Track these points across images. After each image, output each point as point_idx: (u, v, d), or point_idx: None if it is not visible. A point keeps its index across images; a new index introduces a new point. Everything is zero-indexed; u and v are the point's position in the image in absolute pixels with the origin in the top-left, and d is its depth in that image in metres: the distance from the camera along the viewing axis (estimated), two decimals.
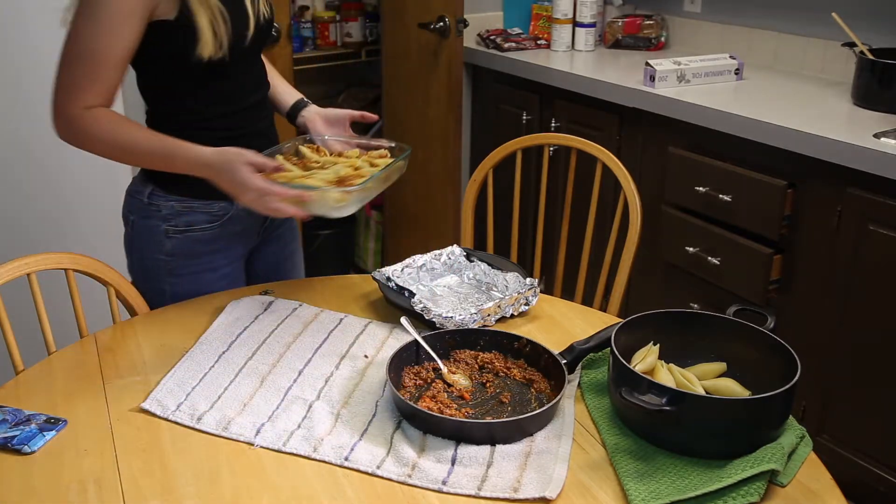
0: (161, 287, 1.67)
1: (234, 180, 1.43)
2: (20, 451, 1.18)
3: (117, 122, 1.50)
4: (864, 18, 2.54)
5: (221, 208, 1.64)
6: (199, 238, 1.65)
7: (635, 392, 1.14)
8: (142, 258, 1.67)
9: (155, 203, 1.63)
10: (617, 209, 2.00)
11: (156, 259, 1.65)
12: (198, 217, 1.63)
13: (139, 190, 1.64)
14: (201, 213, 1.63)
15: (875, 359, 2.13)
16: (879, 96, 2.34)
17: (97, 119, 1.50)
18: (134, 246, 1.68)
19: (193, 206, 1.62)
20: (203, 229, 1.64)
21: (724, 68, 2.70)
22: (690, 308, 2.46)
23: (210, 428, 1.23)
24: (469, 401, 1.29)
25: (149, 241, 1.65)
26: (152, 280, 1.67)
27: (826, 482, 1.13)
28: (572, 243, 2.15)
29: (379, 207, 3.62)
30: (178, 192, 1.61)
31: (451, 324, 1.46)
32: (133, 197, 1.66)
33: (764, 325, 1.29)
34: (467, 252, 1.73)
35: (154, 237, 1.64)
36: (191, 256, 1.65)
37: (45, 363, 1.42)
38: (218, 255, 1.68)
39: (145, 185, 1.63)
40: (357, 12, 3.57)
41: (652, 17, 3.20)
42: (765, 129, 2.25)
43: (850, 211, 2.11)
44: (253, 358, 1.42)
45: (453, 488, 1.11)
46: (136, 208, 1.65)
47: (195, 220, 1.63)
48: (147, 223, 1.64)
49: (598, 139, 2.18)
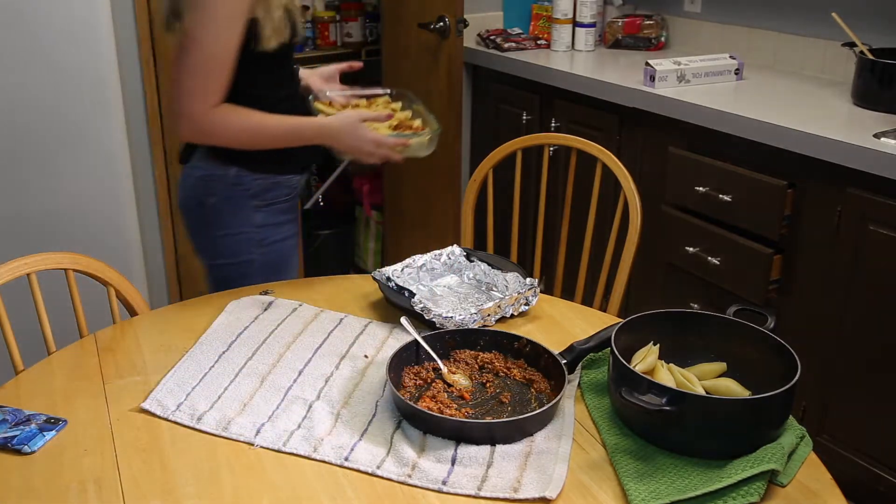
0: (251, 258, 1.82)
1: (356, 136, 1.70)
2: (20, 451, 1.18)
3: (243, 113, 1.67)
4: (864, 18, 2.54)
5: (297, 181, 1.86)
6: (281, 209, 1.84)
7: (635, 392, 1.14)
8: (230, 234, 1.80)
9: (241, 182, 1.76)
10: (617, 209, 2.00)
11: (246, 232, 1.80)
12: (280, 191, 1.82)
13: (221, 173, 1.76)
14: (283, 187, 1.82)
15: (875, 359, 2.13)
16: (879, 96, 2.34)
17: (226, 115, 1.65)
18: (217, 224, 1.80)
19: (278, 180, 1.80)
20: (284, 201, 1.84)
21: (724, 68, 2.69)
22: (690, 308, 2.46)
23: (210, 428, 1.23)
24: (469, 401, 1.29)
25: (237, 216, 1.79)
26: (243, 252, 1.81)
27: (826, 482, 1.13)
28: (572, 243, 2.15)
29: (379, 207, 3.62)
30: (262, 170, 1.77)
31: (451, 324, 1.46)
32: (212, 180, 1.77)
33: (764, 325, 1.29)
34: (467, 252, 1.73)
35: (243, 212, 1.79)
36: (276, 226, 1.83)
37: (45, 363, 1.42)
38: (292, 224, 1.89)
39: (227, 167, 1.75)
40: (357, 12, 3.56)
41: (652, 17, 3.20)
42: (765, 129, 2.25)
43: (850, 211, 2.11)
44: (253, 358, 1.42)
45: (453, 488, 1.11)
46: (220, 189, 1.77)
47: (278, 194, 1.82)
48: (234, 201, 1.78)
49: (598, 139, 2.18)
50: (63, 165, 2.43)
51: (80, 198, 2.47)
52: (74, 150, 2.43)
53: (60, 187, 2.44)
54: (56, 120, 2.39)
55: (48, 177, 2.42)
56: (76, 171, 2.45)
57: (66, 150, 2.43)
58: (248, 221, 1.80)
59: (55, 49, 2.33)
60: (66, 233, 2.46)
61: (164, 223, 2.81)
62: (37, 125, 2.37)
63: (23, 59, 2.30)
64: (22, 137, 2.36)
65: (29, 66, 2.31)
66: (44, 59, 2.32)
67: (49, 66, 2.34)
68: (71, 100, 2.39)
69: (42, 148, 2.39)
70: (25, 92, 2.33)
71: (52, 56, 2.33)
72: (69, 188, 2.45)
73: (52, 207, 2.45)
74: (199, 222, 1.83)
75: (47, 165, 2.41)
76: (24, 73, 2.31)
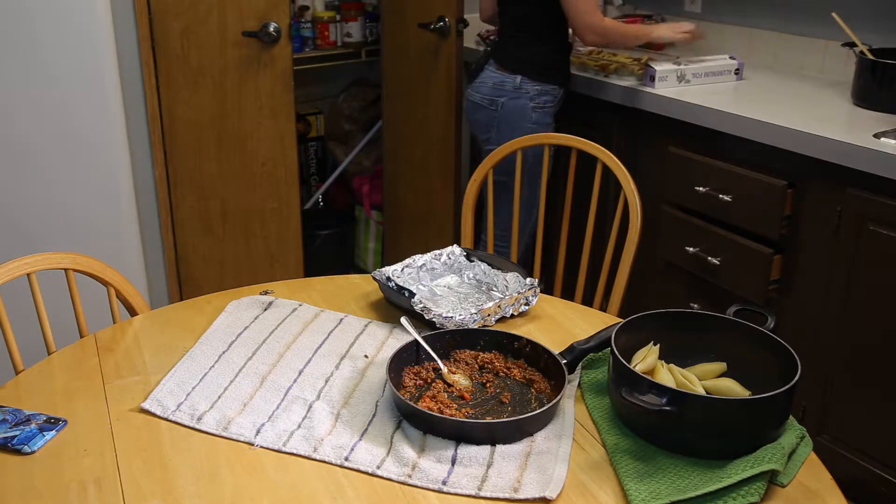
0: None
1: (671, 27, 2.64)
2: (20, 451, 1.18)
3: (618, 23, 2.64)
4: (864, 18, 2.54)
5: (561, 92, 2.63)
6: (549, 112, 2.61)
7: (635, 392, 1.14)
8: (513, 129, 2.53)
9: (524, 87, 2.56)
10: (617, 209, 1.99)
11: (524, 127, 2.54)
12: (549, 97, 2.59)
13: (509, 79, 2.58)
14: (551, 95, 2.59)
15: (875, 359, 2.13)
16: (879, 96, 2.34)
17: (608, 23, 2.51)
18: (504, 119, 2.59)
19: (548, 89, 2.58)
20: (552, 106, 2.61)
21: (724, 68, 2.70)
22: (690, 308, 2.46)
23: (210, 428, 1.23)
24: (469, 401, 1.29)
25: (519, 114, 2.57)
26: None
27: (826, 482, 1.13)
28: (572, 243, 2.15)
29: (379, 207, 3.62)
30: (540, 79, 2.56)
31: (451, 324, 1.46)
32: (500, 86, 2.59)
33: (764, 325, 1.29)
34: (467, 252, 1.73)
35: (523, 112, 2.57)
36: (544, 126, 2.60)
37: (45, 363, 1.42)
38: (552, 126, 2.64)
39: (514, 75, 2.57)
40: (357, 12, 3.56)
41: (652, 17, 3.21)
42: (765, 129, 2.25)
43: (850, 211, 2.11)
44: (253, 358, 1.42)
45: (453, 488, 1.11)
46: (507, 91, 2.57)
47: (549, 100, 2.59)
48: (517, 102, 2.57)
49: (598, 139, 2.18)
50: (63, 165, 2.43)
51: (81, 198, 2.47)
52: (74, 150, 2.43)
53: (61, 187, 2.44)
54: (56, 120, 2.38)
55: (48, 177, 2.42)
56: (76, 171, 2.45)
57: (66, 150, 2.42)
58: (528, 118, 2.55)
59: (55, 49, 2.33)
60: (66, 233, 2.46)
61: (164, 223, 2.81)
62: (37, 125, 2.37)
63: (23, 59, 2.30)
64: (22, 137, 2.36)
65: (29, 66, 2.31)
66: (43, 59, 2.32)
67: (49, 66, 2.34)
68: (71, 100, 2.39)
69: (42, 148, 2.39)
70: (25, 92, 2.33)
71: (52, 56, 2.33)
72: (69, 188, 2.45)
73: (53, 207, 2.45)
74: (487, 120, 2.61)
75: (47, 165, 2.41)
76: (23, 73, 2.31)
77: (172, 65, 2.66)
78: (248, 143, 2.86)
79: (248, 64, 2.76)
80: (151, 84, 2.66)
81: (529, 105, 2.55)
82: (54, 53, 2.33)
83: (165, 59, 2.65)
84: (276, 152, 2.92)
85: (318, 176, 3.94)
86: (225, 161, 2.84)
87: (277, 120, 2.87)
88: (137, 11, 2.56)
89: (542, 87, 2.56)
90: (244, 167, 2.88)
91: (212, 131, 2.79)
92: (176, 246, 2.87)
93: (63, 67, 2.35)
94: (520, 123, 2.55)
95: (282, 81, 2.83)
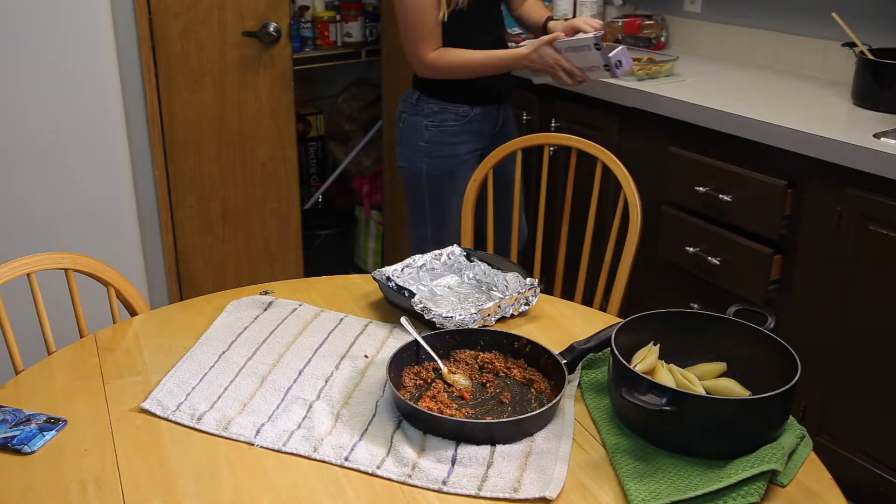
0: (420, 165, 2.33)
1: (542, 57, 2.21)
2: (20, 451, 1.18)
3: (458, 53, 2.23)
4: (864, 18, 2.54)
5: (465, 111, 2.31)
6: (448, 131, 2.31)
7: (635, 392, 1.14)
8: (409, 145, 2.35)
9: (420, 105, 2.32)
10: (617, 209, 1.99)
11: (416, 146, 2.33)
12: (448, 116, 2.30)
13: (410, 95, 2.35)
14: (451, 113, 2.30)
15: (875, 359, 2.12)
16: (879, 96, 2.34)
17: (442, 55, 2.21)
18: (402, 135, 2.37)
19: (447, 107, 2.30)
20: (451, 125, 2.31)
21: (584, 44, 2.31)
22: (690, 308, 2.46)
23: (210, 428, 1.23)
24: (469, 401, 1.29)
25: (412, 131, 2.34)
26: (414, 160, 2.34)
27: (826, 482, 1.13)
28: (572, 243, 2.15)
29: (379, 207, 3.62)
30: (435, 96, 2.30)
31: (451, 324, 1.46)
32: (406, 100, 2.36)
33: (764, 325, 1.29)
34: (467, 252, 1.73)
35: (416, 129, 2.33)
36: (442, 144, 2.31)
37: (45, 363, 1.42)
38: (460, 146, 2.33)
39: (414, 91, 2.34)
40: (357, 12, 3.57)
41: (652, 17, 3.20)
42: (765, 129, 2.24)
43: (850, 211, 2.10)
44: (253, 358, 1.42)
45: (453, 488, 1.11)
46: (407, 108, 2.35)
47: (446, 118, 2.31)
48: (414, 119, 2.33)
49: (598, 139, 2.18)
50: (63, 165, 2.43)
51: (80, 198, 2.48)
52: (74, 150, 2.43)
53: (60, 187, 2.44)
54: (56, 120, 2.39)
55: (48, 176, 2.42)
56: (76, 171, 2.45)
57: (66, 149, 2.43)
58: (421, 137, 2.32)
59: (55, 49, 2.33)
60: (66, 233, 2.47)
61: (164, 223, 2.81)
62: (37, 125, 2.37)
63: (23, 59, 2.30)
64: (22, 137, 2.36)
65: (29, 66, 2.31)
66: (44, 60, 2.33)
67: (49, 66, 2.34)
68: (71, 100, 2.39)
69: (42, 148, 2.39)
70: (26, 92, 2.33)
71: (52, 56, 2.33)
72: (69, 188, 2.45)
73: (53, 207, 2.45)
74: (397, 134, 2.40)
75: (47, 165, 2.41)
76: (24, 74, 2.31)
77: (172, 65, 2.66)
78: (248, 143, 2.86)
79: (248, 64, 2.77)
80: (151, 84, 2.66)
81: (423, 122, 2.31)
82: (54, 53, 2.33)
83: (165, 59, 2.65)
84: (276, 152, 2.92)
85: (318, 176, 3.94)
86: (225, 161, 2.84)
87: (277, 120, 2.88)
88: (137, 11, 2.57)
89: (441, 105, 2.30)
90: (244, 167, 2.88)
91: (212, 131, 2.79)
92: (176, 246, 2.87)
93: (63, 67, 2.35)
94: (412, 141, 2.34)
95: (282, 81, 2.84)
